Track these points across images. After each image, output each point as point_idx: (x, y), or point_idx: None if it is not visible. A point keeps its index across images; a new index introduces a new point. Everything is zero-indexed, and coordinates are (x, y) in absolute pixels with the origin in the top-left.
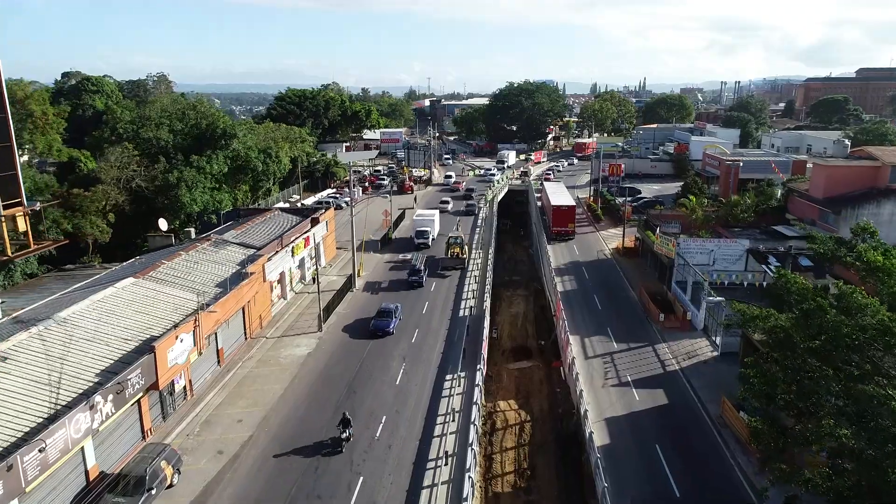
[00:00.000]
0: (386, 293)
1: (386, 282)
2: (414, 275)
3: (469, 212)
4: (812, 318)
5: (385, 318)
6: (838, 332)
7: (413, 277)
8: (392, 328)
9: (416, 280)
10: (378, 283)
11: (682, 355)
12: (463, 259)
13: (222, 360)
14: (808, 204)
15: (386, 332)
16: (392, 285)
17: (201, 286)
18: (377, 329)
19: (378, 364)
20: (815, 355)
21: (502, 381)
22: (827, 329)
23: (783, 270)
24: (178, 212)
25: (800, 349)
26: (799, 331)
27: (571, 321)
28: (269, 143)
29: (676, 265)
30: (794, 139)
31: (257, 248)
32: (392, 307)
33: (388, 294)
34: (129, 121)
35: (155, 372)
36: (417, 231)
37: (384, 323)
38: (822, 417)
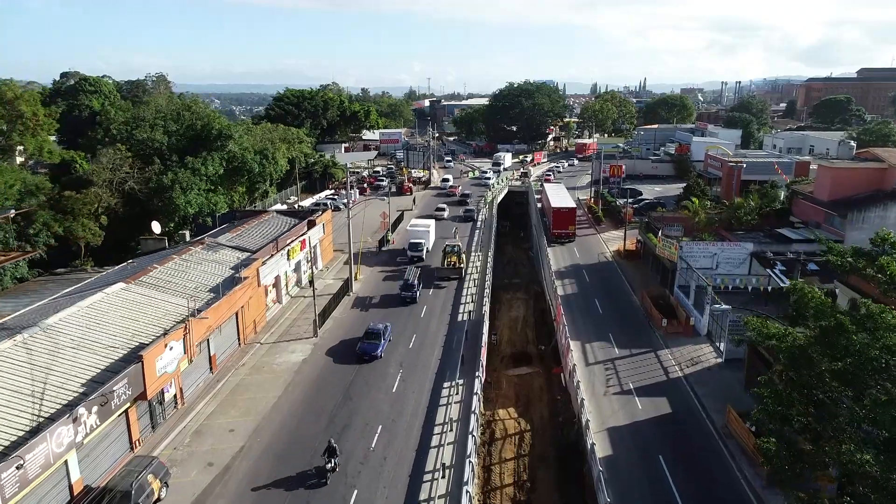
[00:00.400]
0: (384, 295)
1: (384, 284)
2: (407, 290)
3: (467, 217)
4: (833, 336)
5: (372, 340)
6: (866, 354)
7: (406, 293)
8: (380, 352)
9: (409, 296)
10: (375, 285)
11: (686, 362)
12: (460, 269)
13: (215, 367)
14: (813, 206)
15: (373, 356)
16: (385, 299)
17: (193, 291)
18: (363, 353)
19: (375, 371)
20: (839, 378)
21: (502, 387)
22: (853, 351)
23: (798, 283)
24: (172, 214)
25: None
26: (818, 350)
27: (572, 326)
28: (265, 144)
29: (679, 269)
30: (796, 140)
31: (252, 252)
32: (380, 327)
33: (384, 303)
34: (122, 122)
35: (143, 382)
36: (411, 243)
37: (371, 346)
38: (842, 441)
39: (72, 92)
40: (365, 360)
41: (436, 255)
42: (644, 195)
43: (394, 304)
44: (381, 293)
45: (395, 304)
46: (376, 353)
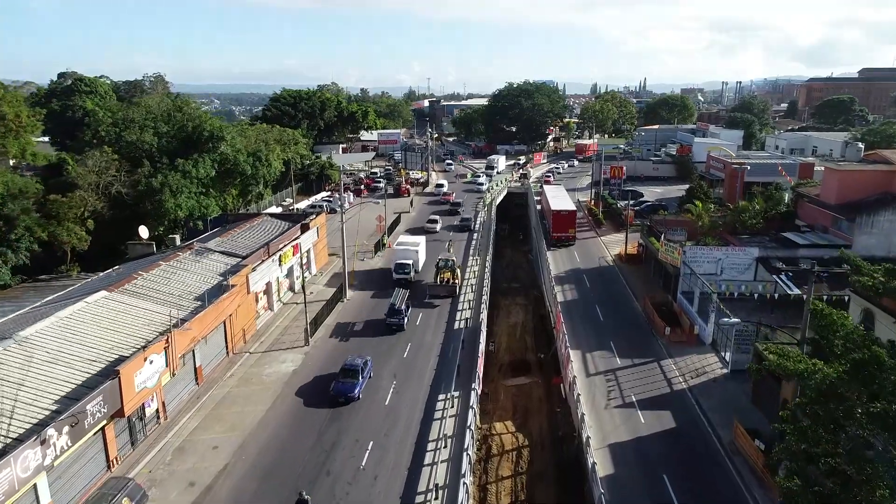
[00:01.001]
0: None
1: (371, 304)
2: (393, 316)
3: (464, 227)
4: (868, 372)
5: (349, 378)
6: None
7: (392, 320)
8: (358, 392)
9: (396, 323)
10: (359, 310)
11: (690, 372)
12: (454, 286)
13: (201, 379)
14: (820, 210)
15: (349, 397)
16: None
17: (179, 300)
18: (338, 394)
19: (367, 382)
20: (877, 421)
21: (499, 399)
22: (892, 390)
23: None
24: (162, 218)
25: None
26: (851, 387)
27: (572, 335)
28: (259, 145)
29: (682, 274)
30: (799, 140)
31: (242, 257)
32: (359, 363)
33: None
34: (110, 123)
35: (119, 398)
36: (397, 265)
37: (346, 387)
38: (876, 487)
39: (67, 92)
40: (340, 402)
41: (428, 272)
42: (645, 197)
43: (379, 332)
44: (366, 318)
45: (381, 332)
46: (353, 395)
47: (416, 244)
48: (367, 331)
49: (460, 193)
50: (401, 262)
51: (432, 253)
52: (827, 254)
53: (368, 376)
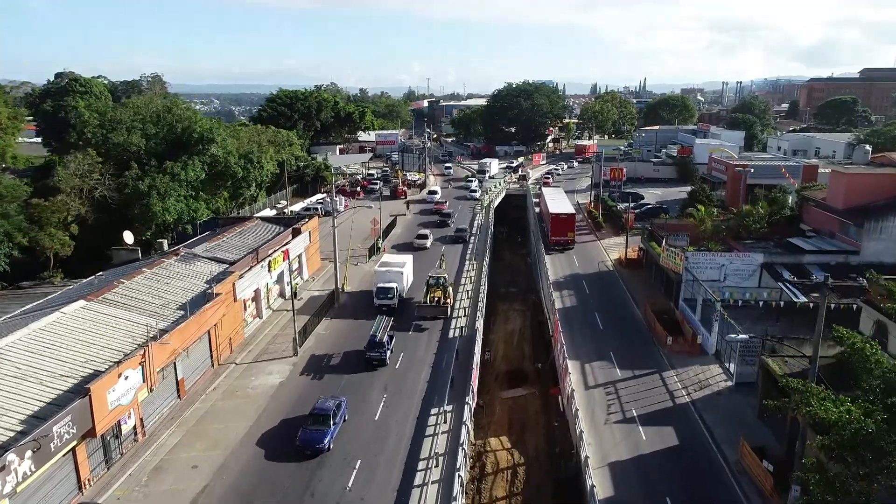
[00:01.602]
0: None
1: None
2: (373, 349)
3: (458, 238)
4: None
5: (319, 425)
6: None
7: (372, 353)
8: (328, 442)
9: (377, 357)
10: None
11: (693, 385)
12: (446, 307)
13: (182, 393)
14: (826, 214)
15: (317, 449)
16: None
17: (161, 309)
18: (305, 444)
19: (357, 395)
20: None
21: (494, 412)
22: None
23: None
24: (149, 222)
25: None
26: (889, 437)
27: (571, 344)
28: (252, 147)
29: (684, 281)
30: (801, 141)
31: (230, 264)
32: (331, 406)
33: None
34: (97, 125)
35: (91, 418)
36: (379, 289)
37: (315, 436)
38: None
39: (61, 93)
40: (307, 454)
41: (417, 287)
42: (646, 199)
43: (359, 368)
44: (345, 348)
45: (360, 368)
46: (322, 446)
47: (402, 265)
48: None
49: (453, 202)
50: (383, 287)
51: (422, 270)
52: (834, 260)
53: (342, 420)
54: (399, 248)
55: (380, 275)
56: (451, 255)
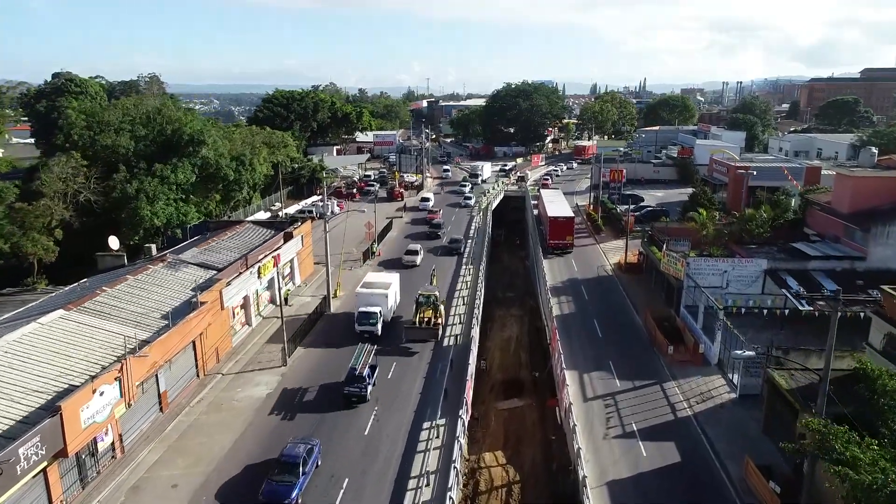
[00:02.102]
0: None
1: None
2: (352, 384)
3: (452, 250)
4: None
5: (286, 475)
6: None
7: (350, 388)
8: (296, 496)
9: (356, 392)
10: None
11: (695, 397)
12: (437, 328)
13: (165, 406)
14: (831, 219)
15: None
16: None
17: (144, 319)
18: (270, 499)
19: (346, 409)
20: None
21: (490, 424)
22: None
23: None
24: (137, 226)
25: None
26: None
27: (569, 353)
28: (244, 149)
29: (686, 287)
30: (803, 142)
31: (218, 270)
32: (300, 452)
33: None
34: (84, 126)
35: (62, 437)
36: (361, 313)
37: (282, 489)
38: None
39: (56, 93)
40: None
41: (405, 307)
42: (646, 201)
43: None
44: (320, 381)
45: (336, 406)
46: (290, 501)
47: (386, 285)
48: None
49: (447, 210)
50: (365, 311)
51: (412, 287)
52: (839, 266)
53: (314, 466)
54: (395, 253)
55: (361, 297)
56: (445, 269)
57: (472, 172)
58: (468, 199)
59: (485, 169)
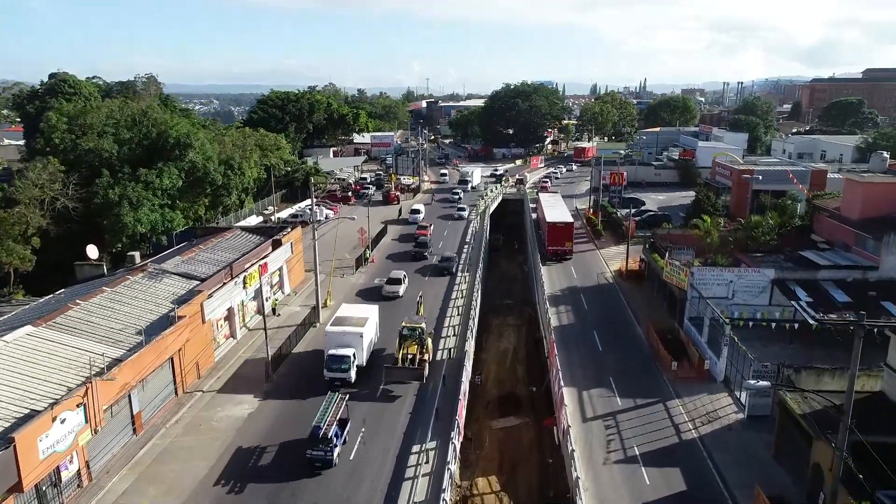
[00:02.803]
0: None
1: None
2: (316, 446)
3: (443, 269)
4: None
5: None
6: None
7: (314, 452)
8: None
9: (320, 456)
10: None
11: (701, 417)
12: (422, 368)
13: (139, 428)
14: (841, 226)
15: None
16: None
17: (118, 334)
18: None
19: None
20: None
21: (484, 445)
22: None
23: None
24: (120, 234)
25: None
26: None
27: (567, 369)
28: (234, 152)
29: (689, 298)
30: (807, 144)
31: (201, 280)
32: None
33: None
34: (65, 129)
35: (16, 471)
36: (331, 357)
37: None
38: None
39: (49, 94)
40: None
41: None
42: (647, 205)
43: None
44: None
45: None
46: None
47: (362, 321)
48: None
49: (438, 223)
50: (336, 355)
51: (395, 317)
52: (850, 276)
53: None
54: (365, 293)
55: (332, 338)
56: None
57: (461, 178)
58: (462, 211)
59: (475, 175)
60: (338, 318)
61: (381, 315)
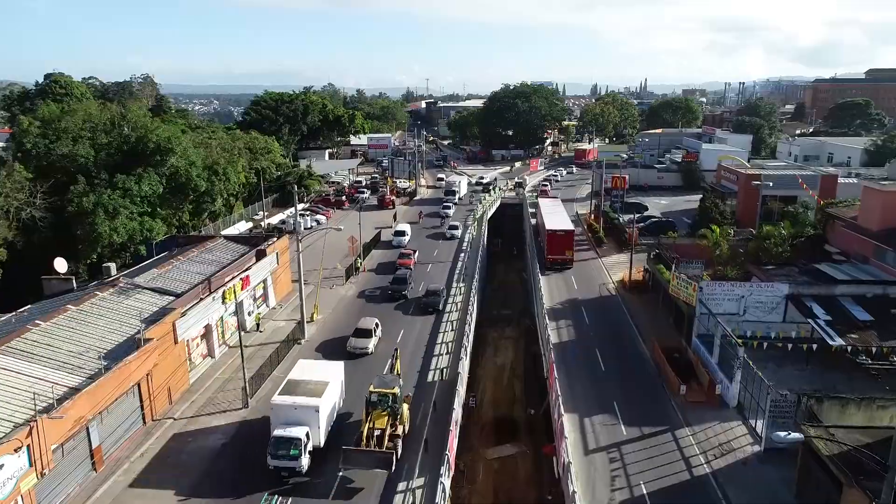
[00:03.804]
0: None
1: None
2: None
3: (429, 305)
4: None
5: None
6: None
7: None
8: None
9: None
10: None
11: (713, 449)
12: (390, 456)
13: (99, 464)
14: (858, 237)
15: None
16: None
17: (80, 359)
18: None
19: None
20: None
21: (477, 478)
22: None
23: None
24: (94, 244)
25: None
26: None
27: (568, 392)
28: (220, 156)
29: (698, 314)
30: (813, 147)
31: (176, 295)
32: None
33: None
34: (38, 134)
35: None
36: (276, 440)
37: None
38: None
39: (40, 95)
40: None
41: (354, 404)
42: (650, 210)
43: None
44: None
45: None
46: None
47: (320, 389)
48: None
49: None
50: (283, 437)
51: (364, 376)
52: (870, 291)
53: None
54: (328, 347)
55: (278, 412)
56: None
57: (447, 189)
58: (453, 229)
59: (461, 185)
60: (290, 382)
61: (348, 372)
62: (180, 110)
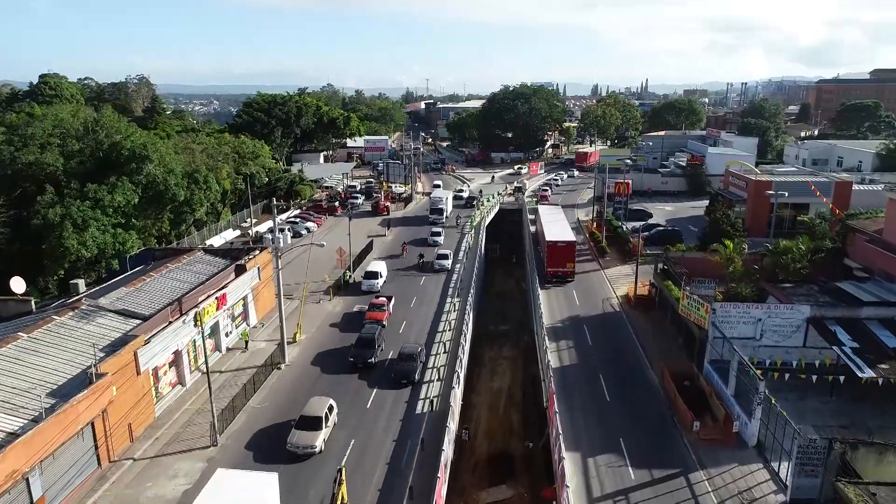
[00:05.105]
0: None
1: None
2: None
3: (401, 374)
4: None
5: None
6: None
7: None
8: None
9: None
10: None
11: (732, 497)
12: None
13: None
14: (883, 253)
15: None
16: None
17: (23, 398)
18: None
19: None
20: None
21: None
22: None
23: None
24: (61, 259)
25: None
26: None
27: (570, 427)
28: (202, 163)
29: (711, 338)
30: (822, 150)
31: (143, 318)
32: None
33: None
34: (2, 141)
35: None
36: None
37: None
38: None
39: (29, 96)
40: None
41: None
42: (655, 218)
43: None
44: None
45: None
46: None
47: None
48: None
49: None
50: None
51: (307, 486)
52: None
53: None
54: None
55: None
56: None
57: (433, 207)
58: (443, 259)
59: (447, 201)
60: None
61: (285, 484)
62: (177, 111)
